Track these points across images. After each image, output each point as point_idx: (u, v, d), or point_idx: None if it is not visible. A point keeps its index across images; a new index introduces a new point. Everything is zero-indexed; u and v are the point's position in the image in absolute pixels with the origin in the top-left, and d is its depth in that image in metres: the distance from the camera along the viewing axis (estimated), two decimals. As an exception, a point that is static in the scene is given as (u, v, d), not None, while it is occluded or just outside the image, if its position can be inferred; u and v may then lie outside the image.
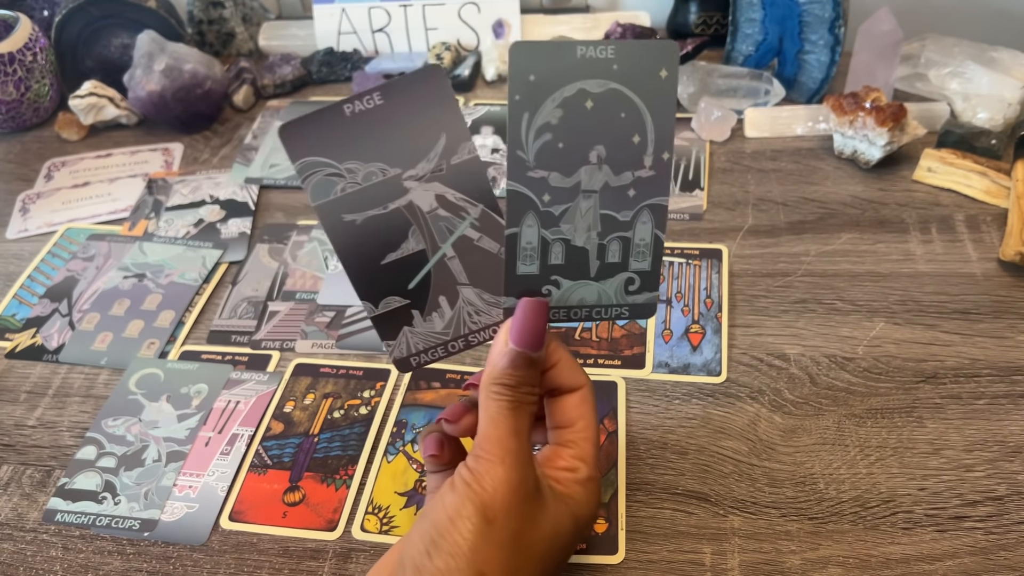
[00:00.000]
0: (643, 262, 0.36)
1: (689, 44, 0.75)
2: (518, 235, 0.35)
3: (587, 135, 0.34)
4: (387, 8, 0.85)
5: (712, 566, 0.42)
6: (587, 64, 0.33)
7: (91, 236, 0.68)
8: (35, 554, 0.46)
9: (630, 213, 0.35)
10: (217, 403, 0.53)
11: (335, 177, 0.34)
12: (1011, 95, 0.66)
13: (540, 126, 0.33)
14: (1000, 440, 0.46)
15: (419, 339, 0.37)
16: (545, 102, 0.33)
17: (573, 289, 0.36)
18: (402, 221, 0.35)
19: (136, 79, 0.76)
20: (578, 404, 0.36)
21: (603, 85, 0.33)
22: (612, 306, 0.36)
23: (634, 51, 0.33)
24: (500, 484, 0.32)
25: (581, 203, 0.35)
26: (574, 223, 0.35)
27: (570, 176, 0.34)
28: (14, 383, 0.56)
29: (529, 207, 0.34)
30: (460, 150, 0.35)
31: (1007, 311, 0.53)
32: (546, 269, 0.35)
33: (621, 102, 0.33)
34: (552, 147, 0.33)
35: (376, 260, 0.35)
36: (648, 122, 0.34)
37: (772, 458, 0.46)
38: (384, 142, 0.34)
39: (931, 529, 0.42)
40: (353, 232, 0.34)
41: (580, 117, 0.33)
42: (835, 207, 0.63)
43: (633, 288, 0.36)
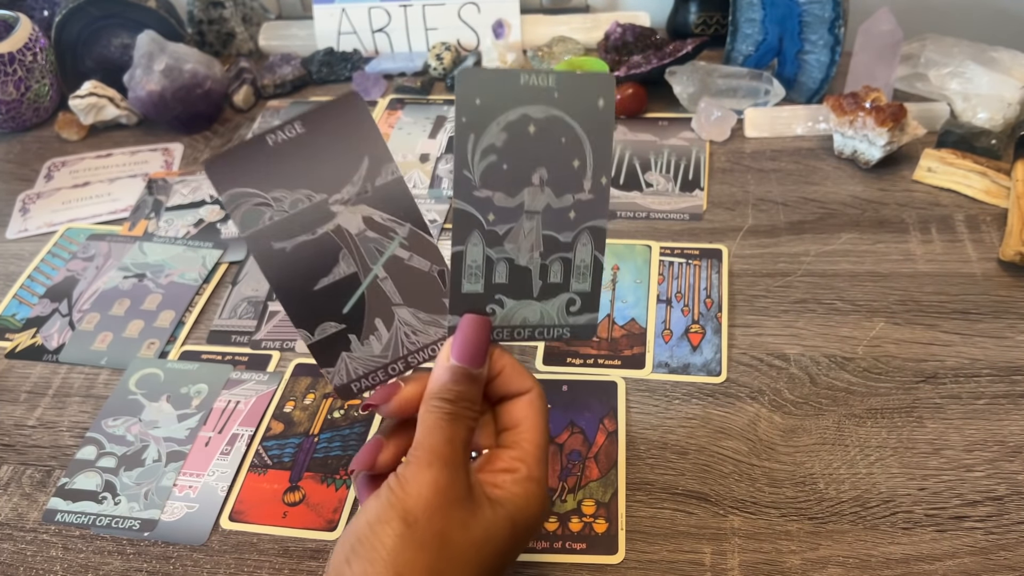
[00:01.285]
0: (584, 283, 0.37)
1: (689, 44, 0.75)
2: (464, 253, 0.35)
3: (530, 158, 0.35)
4: (387, 8, 0.85)
5: (712, 566, 0.42)
6: (530, 91, 0.34)
7: (91, 236, 0.68)
8: (35, 554, 0.46)
9: (571, 235, 0.36)
10: (217, 403, 0.53)
11: (263, 207, 0.34)
12: (1011, 95, 0.66)
13: (485, 147, 0.34)
14: (1000, 440, 0.46)
15: (358, 364, 0.37)
16: (490, 125, 0.34)
17: (516, 309, 0.37)
18: (332, 245, 0.35)
19: (136, 79, 0.76)
20: (524, 406, 0.36)
21: (545, 112, 0.35)
22: (554, 326, 0.37)
23: (573, 82, 0.35)
24: (424, 487, 0.32)
25: (524, 223, 0.36)
26: (518, 243, 0.36)
27: (514, 197, 0.35)
28: (14, 383, 0.56)
29: (475, 226, 0.35)
30: (384, 172, 0.35)
31: (1007, 311, 0.53)
32: (490, 288, 0.36)
33: (561, 128, 0.35)
34: (497, 168, 0.35)
35: (309, 286, 0.35)
36: (587, 148, 0.36)
37: (772, 458, 0.46)
38: (308, 169, 0.34)
39: (931, 529, 0.42)
40: (284, 260, 0.35)
41: (523, 140, 0.34)
42: (835, 207, 0.63)
43: (574, 309, 0.37)
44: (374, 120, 0.35)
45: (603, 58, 0.78)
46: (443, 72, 0.82)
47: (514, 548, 0.35)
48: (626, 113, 0.74)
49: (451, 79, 0.81)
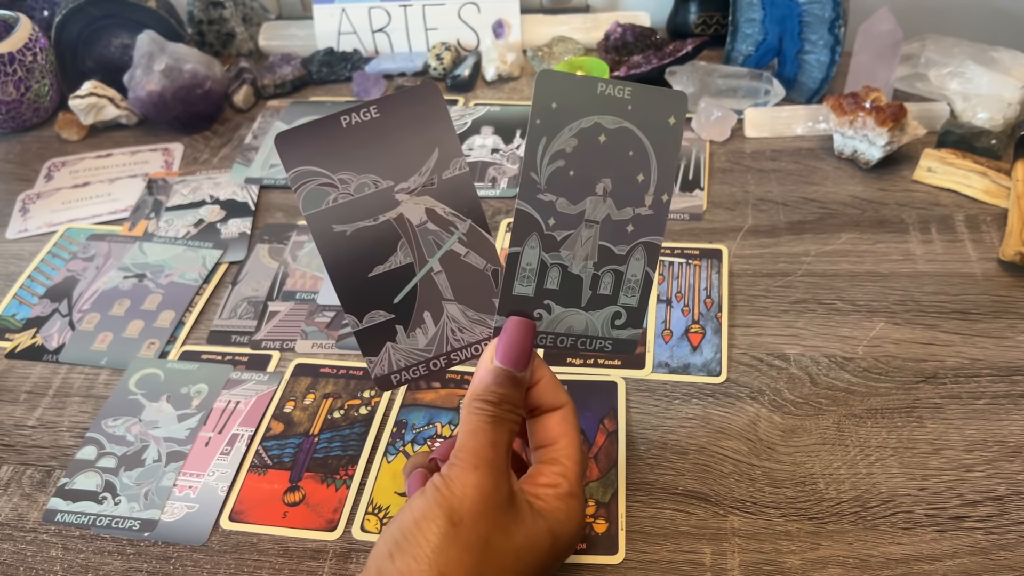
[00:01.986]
0: (632, 298, 0.37)
1: (689, 44, 0.75)
2: (520, 255, 0.35)
3: (597, 167, 0.35)
4: (387, 8, 0.85)
5: (712, 566, 0.42)
6: (605, 101, 0.34)
7: (91, 236, 0.68)
8: (35, 554, 0.46)
9: (626, 248, 0.36)
10: (217, 403, 0.53)
11: (328, 187, 0.34)
12: (1011, 95, 0.66)
13: (555, 152, 0.35)
14: (1000, 440, 0.46)
15: (401, 356, 0.36)
16: (563, 130, 0.34)
17: (563, 316, 0.37)
18: (391, 234, 0.35)
19: (136, 79, 0.76)
20: (560, 422, 0.36)
21: (617, 123, 0.35)
22: (598, 338, 0.37)
23: (648, 96, 0.35)
24: (470, 489, 0.32)
25: (583, 231, 0.36)
26: (573, 250, 0.36)
27: (576, 204, 0.35)
28: (14, 383, 0.56)
29: (534, 228, 0.35)
30: (452, 165, 0.35)
31: (1007, 311, 0.53)
32: (541, 292, 0.36)
33: (631, 141, 0.35)
34: (563, 174, 0.35)
35: (363, 273, 0.35)
36: (653, 163, 0.36)
37: (772, 458, 0.46)
38: (378, 155, 0.34)
39: (931, 529, 0.42)
40: (342, 243, 0.34)
41: (593, 149, 0.35)
42: (835, 207, 0.63)
43: (619, 323, 0.37)
44: (449, 112, 0.34)
45: (603, 58, 0.78)
46: (443, 72, 0.82)
47: (554, 560, 0.35)
48: (626, 113, 0.74)
49: (451, 79, 0.81)
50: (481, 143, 0.73)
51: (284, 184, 0.71)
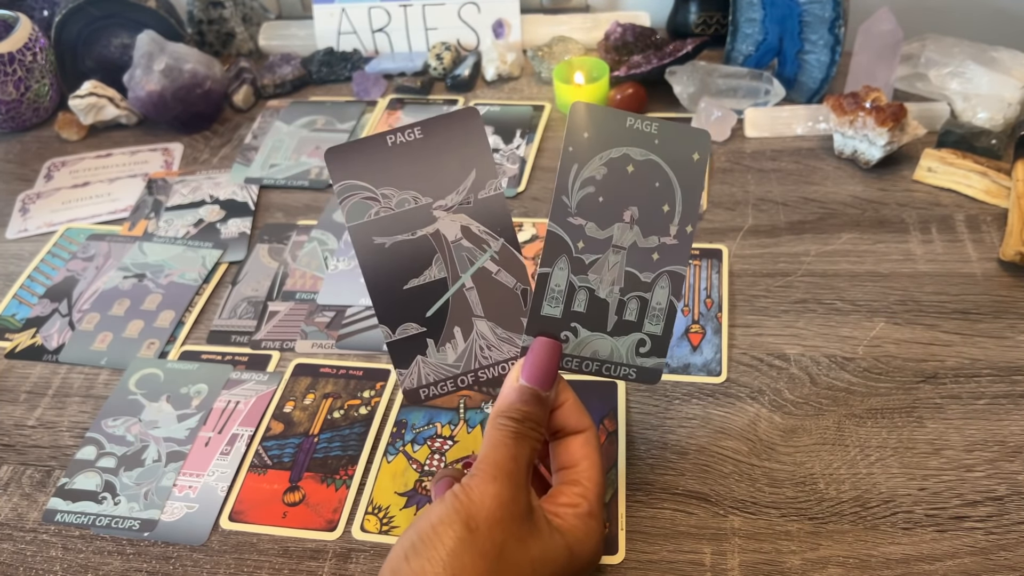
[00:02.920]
0: (656, 326, 0.38)
1: (689, 44, 0.75)
2: (549, 276, 0.37)
3: (624, 195, 0.37)
4: (387, 8, 0.85)
5: (712, 566, 0.42)
6: (633, 133, 0.37)
7: (91, 236, 0.68)
8: (35, 554, 0.46)
9: (651, 275, 0.37)
10: (217, 403, 0.53)
11: (370, 201, 0.36)
12: (1011, 95, 0.66)
13: (586, 178, 0.37)
14: (1000, 440, 0.46)
15: (431, 370, 0.37)
16: (593, 158, 0.36)
17: (589, 340, 0.37)
18: (428, 248, 0.36)
19: (136, 79, 0.76)
20: (582, 445, 0.37)
21: (644, 155, 0.37)
22: (622, 364, 0.37)
23: (674, 131, 0.37)
24: (488, 497, 0.33)
25: (611, 256, 0.37)
26: (601, 274, 0.37)
27: (604, 229, 0.37)
28: (14, 383, 0.56)
29: (564, 250, 0.37)
30: (487, 186, 0.36)
31: (1007, 311, 0.53)
32: (568, 315, 0.37)
33: (657, 173, 0.37)
34: (593, 199, 0.37)
35: (399, 285, 0.36)
36: (678, 195, 0.37)
37: (772, 458, 0.46)
38: (419, 173, 0.36)
39: (931, 529, 0.42)
40: (381, 255, 0.36)
41: (621, 178, 0.37)
42: (835, 207, 0.63)
43: (644, 350, 0.38)
44: (487, 136, 0.36)
45: (603, 58, 0.78)
46: (443, 72, 0.82)
47: None
48: (626, 113, 0.74)
49: (451, 79, 0.81)
50: (481, 143, 0.73)
51: (284, 184, 0.71)
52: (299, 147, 0.75)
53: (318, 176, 0.72)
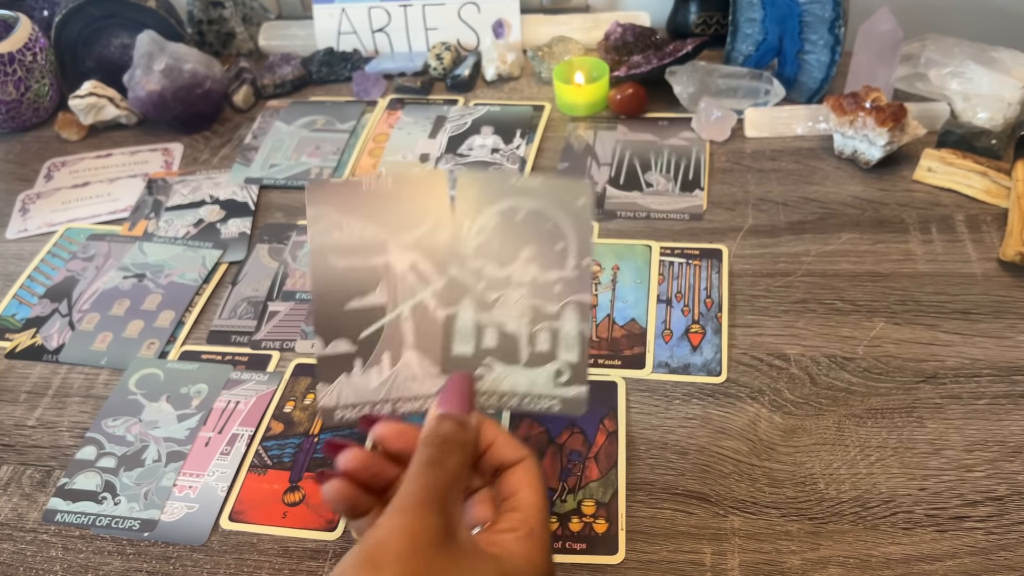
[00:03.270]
0: (571, 354, 0.38)
1: (689, 44, 0.75)
2: (455, 316, 0.38)
3: (520, 238, 0.39)
4: (387, 8, 0.85)
5: (712, 566, 0.42)
6: (519, 189, 0.39)
7: (91, 236, 0.68)
8: (35, 554, 0.46)
9: (557, 306, 0.39)
10: (217, 403, 0.53)
11: (335, 227, 0.38)
12: (1011, 95, 0.66)
13: (480, 227, 0.39)
14: (1000, 440, 0.46)
15: (352, 392, 0.38)
16: (485, 209, 0.39)
17: (505, 375, 0.38)
18: (375, 276, 0.38)
19: (136, 79, 0.76)
20: (520, 473, 0.36)
21: (532, 204, 0.39)
22: (543, 396, 0.38)
23: (556, 184, 0.40)
24: (395, 531, 0.32)
25: (513, 292, 0.39)
26: (507, 309, 0.38)
27: (504, 268, 0.39)
28: (14, 383, 0.56)
29: (467, 292, 0.38)
30: (441, 232, 0.39)
31: (1007, 311, 0.53)
32: (480, 351, 0.38)
33: (546, 218, 0.39)
34: (489, 243, 0.39)
35: (341, 303, 0.38)
36: (569, 235, 0.39)
37: (772, 458, 0.46)
38: (383, 212, 0.38)
39: (931, 529, 0.42)
40: (333, 274, 0.38)
41: (514, 224, 0.39)
42: (835, 207, 0.63)
43: (562, 380, 0.38)
44: (448, 191, 0.39)
45: (603, 58, 0.78)
46: (443, 72, 0.82)
47: None
48: (626, 113, 0.74)
49: (451, 79, 0.81)
50: (481, 143, 0.73)
51: (284, 184, 0.71)
52: (299, 147, 0.75)
53: (318, 176, 0.72)
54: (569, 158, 0.71)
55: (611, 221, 0.64)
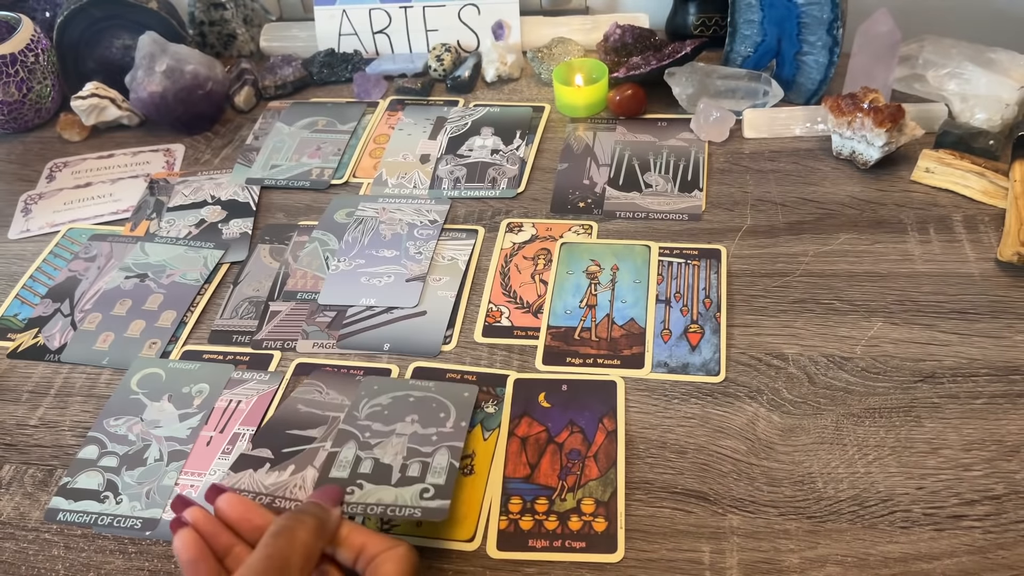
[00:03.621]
0: (439, 479, 0.44)
1: (688, 45, 0.75)
2: (338, 453, 0.46)
3: (407, 410, 0.49)
4: (387, 9, 0.85)
5: (711, 565, 0.42)
6: (416, 386, 0.50)
7: (93, 236, 0.68)
8: (37, 553, 0.46)
9: (431, 449, 0.46)
10: (219, 403, 0.53)
11: (317, 391, 0.52)
12: (1009, 96, 0.66)
13: (374, 404, 0.49)
14: (998, 439, 0.46)
15: (250, 481, 0.45)
16: (382, 396, 0.50)
17: (374, 491, 0.43)
18: (321, 419, 0.49)
19: (138, 80, 0.76)
20: (388, 554, 0.38)
21: (424, 393, 0.50)
22: (406, 507, 0.43)
23: (448, 386, 0.51)
24: None
25: (394, 439, 0.46)
26: (385, 449, 0.46)
27: (388, 426, 0.47)
28: (16, 383, 0.56)
29: (353, 438, 0.47)
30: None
31: (1005, 311, 0.53)
32: (355, 475, 0.44)
33: (434, 400, 0.49)
34: (380, 413, 0.49)
35: (285, 428, 0.49)
36: (452, 410, 0.48)
37: (771, 457, 0.47)
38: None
39: (929, 528, 0.43)
40: (294, 412, 0.50)
41: (404, 404, 0.49)
42: (833, 207, 0.63)
43: (427, 496, 0.43)
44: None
45: (602, 59, 0.78)
46: (443, 73, 0.82)
47: None
48: (625, 114, 0.74)
49: (451, 80, 0.81)
50: (481, 144, 0.73)
51: (285, 185, 0.72)
52: (300, 148, 0.75)
53: (319, 177, 0.72)
54: (569, 159, 0.71)
55: (610, 221, 0.64)
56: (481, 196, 0.68)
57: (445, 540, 0.44)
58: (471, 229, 0.65)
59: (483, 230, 0.64)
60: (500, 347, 0.55)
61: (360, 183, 0.71)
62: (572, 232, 0.63)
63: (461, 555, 0.44)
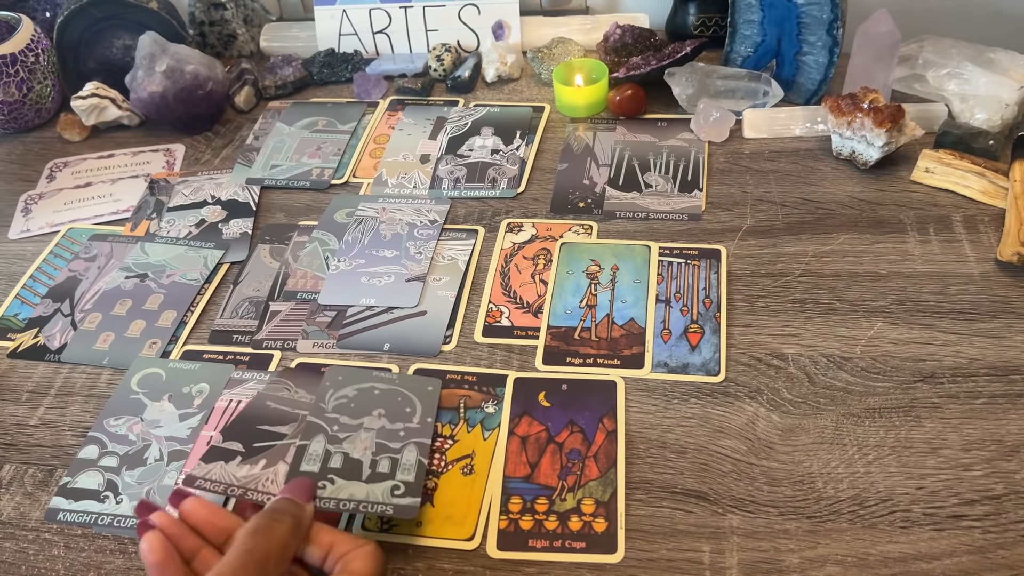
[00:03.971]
0: (408, 475, 0.45)
1: (688, 45, 0.75)
2: (307, 446, 0.46)
3: (373, 403, 0.49)
4: (388, 9, 0.85)
5: (711, 564, 0.42)
6: (379, 377, 0.51)
7: (93, 236, 0.68)
8: (37, 553, 0.46)
9: (400, 444, 0.46)
10: (219, 402, 0.53)
11: (285, 389, 0.51)
12: (1008, 96, 0.66)
13: (340, 395, 0.49)
14: (998, 439, 0.46)
15: (221, 472, 0.45)
16: (346, 387, 0.50)
17: (345, 486, 0.44)
18: (293, 417, 0.49)
19: (138, 80, 0.76)
20: (357, 552, 0.38)
21: (388, 385, 0.50)
22: (378, 503, 0.43)
23: (411, 378, 0.52)
24: None
25: (362, 433, 0.47)
26: (355, 444, 0.46)
27: (356, 420, 0.48)
28: (16, 383, 0.56)
29: (321, 431, 0.47)
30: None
31: (1004, 311, 0.53)
32: (325, 470, 0.45)
33: (399, 393, 0.50)
34: (346, 405, 0.49)
35: (256, 423, 0.48)
36: (418, 405, 0.49)
37: (770, 457, 0.47)
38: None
39: (929, 528, 0.43)
40: (263, 408, 0.49)
41: (370, 395, 0.50)
42: (833, 208, 0.63)
43: (398, 492, 0.44)
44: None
45: (602, 59, 0.78)
46: (443, 73, 0.82)
47: None
48: (625, 114, 0.75)
49: (451, 80, 0.81)
50: (481, 144, 0.73)
51: (285, 185, 0.72)
52: (300, 148, 0.75)
53: (319, 177, 0.72)
54: (569, 159, 0.71)
55: (610, 222, 0.64)
56: (481, 196, 0.68)
57: (445, 540, 0.44)
58: (471, 229, 0.65)
59: (483, 230, 0.64)
60: (500, 347, 0.55)
61: (360, 183, 0.71)
62: (572, 232, 0.63)
63: (461, 555, 0.44)
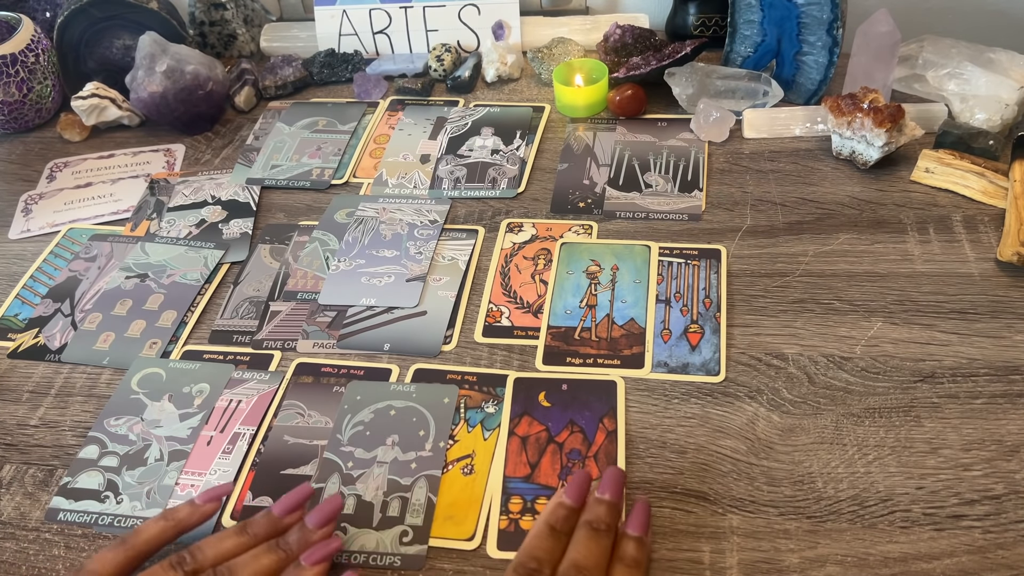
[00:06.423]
0: (417, 518, 0.45)
1: (688, 45, 0.75)
2: (324, 489, 0.47)
3: (388, 428, 0.50)
4: (388, 10, 0.85)
5: (711, 564, 0.42)
6: (396, 393, 0.52)
7: (93, 236, 0.68)
8: (37, 553, 0.46)
9: (411, 479, 0.47)
10: (219, 402, 0.53)
11: (298, 416, 0.52)
12: (1008, 96, 0.66)
13: (356, 422, 0.50)
14: (998, 439, 0.46)
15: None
16: (363, 410, 0.51)
17: (356, 536, 0.45)
18: (313, 456, 0.49)
19: (138, 80, 0.76)
20: None
21: (404, 403, 0.51)
22: (387, 554, 0.44)
23: (429, 388, 0.52)
24: None
25: (375, 469, 0.48)
26: (367, 483, 0.47)
27: (370, 452, 0.48)
28: (17, 383, 0.56)
29: (336, 470, 0.48)
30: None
31: (1004, 311, 0.53)
32: (340, 518, 0.45)
33: (414, 412, 0.50)
34: (362, 434, 0.49)
35: (279, 470, 0.49)
36: (432, 425, 0.50)
37: (770, 457, 0.47)
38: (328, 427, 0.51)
39: (929, 528, 0.43)
40: (282, 447, 0.50)
41: (385, 419, 0.50)
42: (833, 208, 0.63)
43: (406, 540, 0.44)
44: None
45: (602, 60, 0.78)
46: (444, 74, 0.82)
47: None
48: (625, 114, 0.75)
49: (452, 80, 0.81)
50: (481, 144, 0.73)
51: (285, 185, 0.72)
52: (300, 148, 0.75)
53: (319, 177, 0.72)
54: (569, 159, 0.71)
55: (610, 221, 0.64)
56: (481, 196, 0.68)
57: (445, 540, 0.44)
58: (471, 229, 0.65)
59: (483, 230, 0.65)
60: (500, 347, 0.55)
61: (360, 183, 0.71)
62: (572, 232, 0.63)
63: (461, 555, 0.44)
